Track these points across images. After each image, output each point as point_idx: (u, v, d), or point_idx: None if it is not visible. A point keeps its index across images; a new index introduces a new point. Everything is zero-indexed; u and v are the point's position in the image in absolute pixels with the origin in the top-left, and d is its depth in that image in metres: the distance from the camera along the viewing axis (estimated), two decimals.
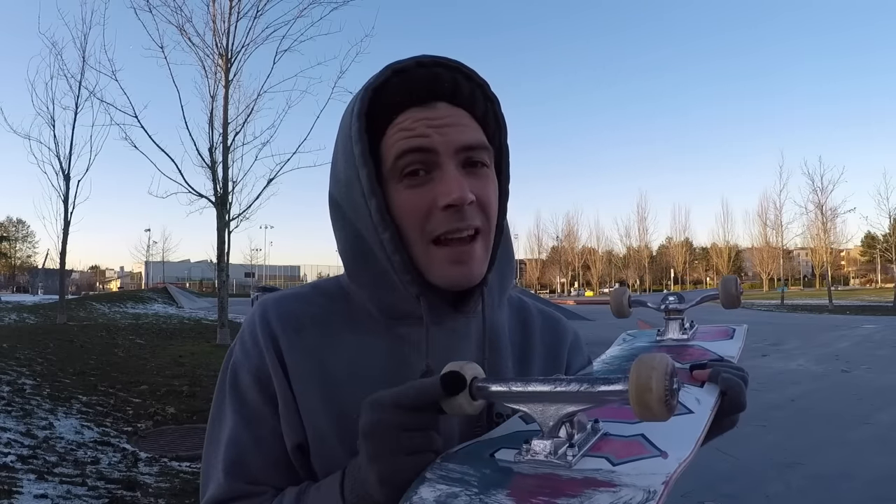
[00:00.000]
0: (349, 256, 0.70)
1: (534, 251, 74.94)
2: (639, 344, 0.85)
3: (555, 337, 0.81)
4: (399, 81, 0.65)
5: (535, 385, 0.51)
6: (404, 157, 0.63)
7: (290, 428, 0.66)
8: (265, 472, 0.66)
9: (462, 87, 0.66)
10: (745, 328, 0.85)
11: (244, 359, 0.69)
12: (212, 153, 11.67)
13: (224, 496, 0.66)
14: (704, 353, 0.76)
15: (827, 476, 4.10)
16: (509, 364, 0.74)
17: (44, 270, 55.54)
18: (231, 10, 11.71)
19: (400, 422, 0.53)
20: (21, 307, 22.28)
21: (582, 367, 0.81)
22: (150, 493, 3.52)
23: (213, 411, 0.71)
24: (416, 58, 0.65)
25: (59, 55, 14.82)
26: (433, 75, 0.65)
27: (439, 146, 0.63)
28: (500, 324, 0.76)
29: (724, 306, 0.83)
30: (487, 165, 0.67)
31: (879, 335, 14.36)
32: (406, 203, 0.64)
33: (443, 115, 0.64)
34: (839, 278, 68.30)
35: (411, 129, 0.63)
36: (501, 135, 0.71)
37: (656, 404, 0.42)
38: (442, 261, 0.64)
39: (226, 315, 11.96)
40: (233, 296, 22.25)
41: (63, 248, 16.00)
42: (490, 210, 0.66)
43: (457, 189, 0.61)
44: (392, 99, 0.65)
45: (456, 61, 0.67)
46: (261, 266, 65.94)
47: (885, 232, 32.65)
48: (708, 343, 0.80)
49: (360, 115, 0.64)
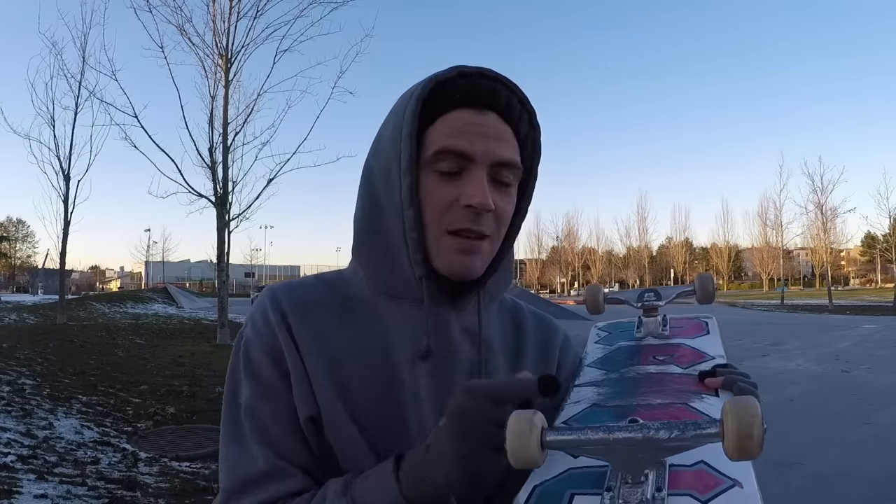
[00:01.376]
0: (364, 229, 0.73)
1: (534, 251, 74.96)
2: (621, 342, 0.85)
3: (546, 337, 0.84)
4: (463, 83, 0.69)
5: (620, 433, 0.47)
6: (444, 154, 0.67)
7: (302, 401, 0.67)
8: (285, 445, 0.67)
9: (514, 107, 0.71)
10: (714, 320, 0.87)
11: (256, 337, 0.71)
12: (212, 153, 11.69)
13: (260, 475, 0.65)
14: (695, 353, 0.77)
15: (826, 476, 4.11)
16: (502, 363, 0.77)
17: (44, 270, 55.55)
18: (231, 10, 11.74)
19: (491, 413, 0.54)
20: (21, 307, 22.28)
21: (573, 366, 0.83)
22: (150, 493, 3.53)
23: (228, 393, 0.71)
24: (481, 69, 0.70)
25: (59, 55, 14.90)
26: (493, 88, 0.70)
27: (478, 154, 0.67)
28: (493, 323, 0.79)
29: (699, 302, 0.84)
30: (511, 185, 0.72)
31: (879, 335, 14.36)
32: (434, 191, 0.68)
33: (492, 126, 0.69)
34: (839, 278, 68.25)
35: (460, 130, 0.68)
36: (535, 160, 0.76)
37: (756, 450, 0.42)
38: (451, 248, 0.68)
39: (226, 315, 11.97)
40: (233, 296, 22.27)
41: (63, 248, 16.02)
42: (503, 224, 0.72)
43: (480, 195, 0.66)
44: (453, 94, 0.69)
45: (515, 84, 0.71)
46: (261, 266, 65.99)
47: (885, 232, 32.67)
48: (690, 340, 0.81)
49: (419, 99, 0.68)
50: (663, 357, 0.77)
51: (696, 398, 0.64)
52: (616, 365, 0.78)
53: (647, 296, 0.86)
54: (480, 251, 0.69)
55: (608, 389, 0.70)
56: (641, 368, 0.74)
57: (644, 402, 0.64)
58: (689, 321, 0.87)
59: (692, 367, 0.72)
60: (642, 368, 0.74)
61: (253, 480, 0.65)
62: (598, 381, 0.75)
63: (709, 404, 0.62)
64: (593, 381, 0.76)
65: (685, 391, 0.66)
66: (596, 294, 0.88)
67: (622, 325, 0.91)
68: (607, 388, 0.71)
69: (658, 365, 0.75)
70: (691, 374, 0.70)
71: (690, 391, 0.66)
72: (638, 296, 0.86)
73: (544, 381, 0.55)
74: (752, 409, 0.42)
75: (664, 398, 0.64)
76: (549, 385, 0.54)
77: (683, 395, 0.64)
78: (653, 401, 0.64)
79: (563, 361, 0.83)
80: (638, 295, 0.86)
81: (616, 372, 0.76)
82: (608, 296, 0.90)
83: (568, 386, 0.77)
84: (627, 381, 0.72)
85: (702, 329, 0.85)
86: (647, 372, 0.73)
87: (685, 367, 0.72)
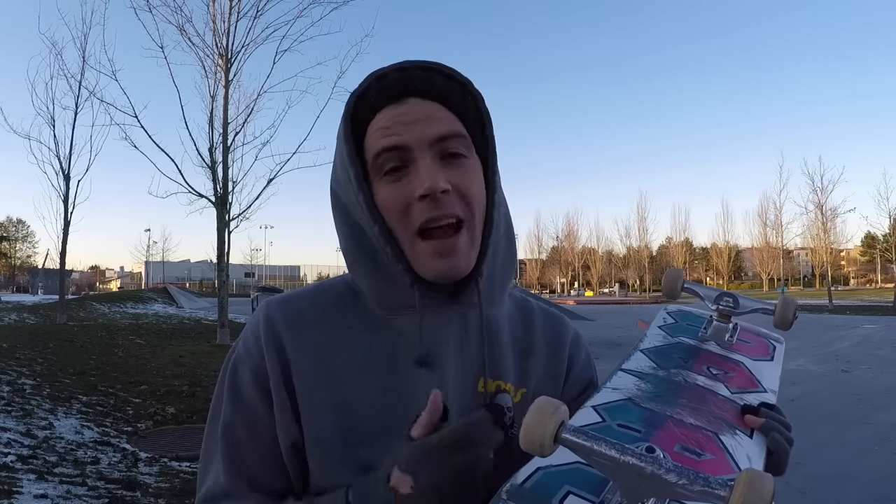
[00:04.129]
0: (350, 249, 0.72)
1: (534, 251, 74.99)
2: (683, 337, 0.83)
3: (556, 334, 0.81)
4: (378, 86, 0.69)
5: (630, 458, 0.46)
6: (381, 156, 0.67)
7: (283, 428, 0.68)
8: (260, 468, 0.68)
9: (434, 82, 0.69)
10: (783, 346, 0.83)
11: (246, 356, 0.71)
12: (212, 153, 11.67)
13: (222, 492, 0.67)
14: (750, 380, 0.74)
15: (827, 476, 4.10)
16: (510, 358, 0.75)
17: (44, 270, 55.49)
18: (231, 10, 11.71)
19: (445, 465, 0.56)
20: (21, 307, 22.27)
21: (584, 364, 0.82)
22: (150, 493, 3.52)
23: (214, 405, 0.73)
24: (396, 64, 0.69)
25: (59, 55, 14.83)
26: (407, 77, 0.69)
27: (411, 142, 0.66)
28: (501, 318, 0.77)
29: (775, 326, 0.81)
30: (466, 156, 0.69)
31: (879, 335, 14.36)
32: (387, 198, 0.67)
33: (414, 111, 0.67)
34: (839, 278, 68.20)
35: (386, 128, 0.67)
36: (485, 127, 0.72)
37: None
38: (426, 254, 0.66)
39: (226, 315, 11.96)
40: (233, 296, 22.24)
41: (63, 248, 16.00)
42: (471, 199, 0.67)
43: (428, 178, 0.64)
44: (370, 101, 0.69)
45: (436, 63, 0.70)
46: (261, 266, 65.91)
47: (885, 232, 32.65)
48: (751, 361, 0.78)
49: (344, 118, 0.69)
50: (717, 371, 0.75)
51: (730, 432, 0.62)
52: (668, 362, 0.76)
53: (724, 300, 0.82)
54: (457, 248, 0.66)
55: (650, 387, 0.69)
56: (691, 376, 0.72)
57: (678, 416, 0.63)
58: (758, 339, 0.84)
59: (739, 395, 0.70)
60: (691, 376, 0.72)
61: (217, 496, 0.68)
62: (644, 374, 0.73)
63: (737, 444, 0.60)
64: (640, 371, 0.73)
65: (722, 420, 0.64)
66: (675, 280, 0.85)
67: (691, 317, 0.87)
68: (650, 385, 0.69)
69: (709, 378, 0.73)
70: (735, 403, 0.68)
71: (727, 422, 0.64)
72: (716, 297, 0.83)
73: (493, 411, 0.57)
74: (765, 492, 0.41)
75: (699, 419, 0.63)
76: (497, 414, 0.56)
77: (718, 424, 0.63)
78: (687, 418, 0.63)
79: (574, 359, 0.81)
80: (717, 296, 0.83)
81: (665, 370, 0.74)
82: (685, 285, 0.86)
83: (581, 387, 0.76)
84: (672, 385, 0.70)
85: (767, 352, 0.81)
86: (694, 382, 0.71)
87: (733, 392, 0.71)
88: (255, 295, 23.19)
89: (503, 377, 0.72)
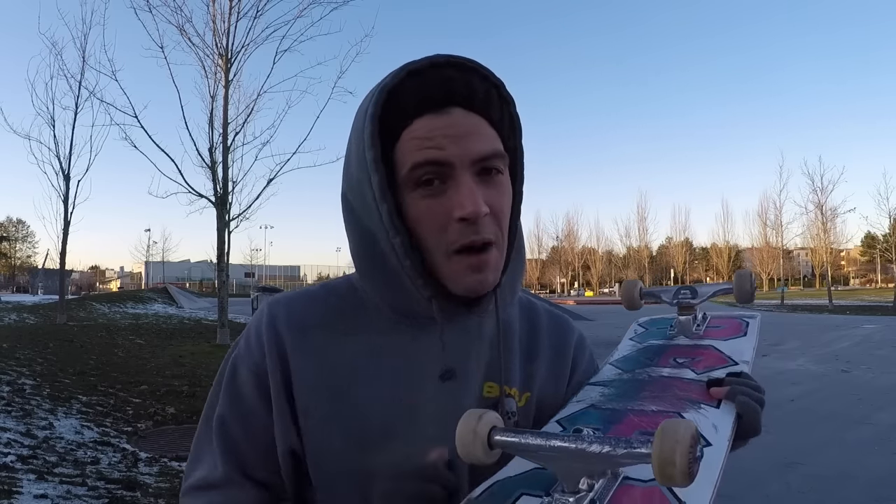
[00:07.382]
0: (361, 256, 0.69)
1: (534, 251, 74.84)
2: (652, 340, 0.83)
3: (561, 336, 0.81)
4: (414, 85, 0.63)
5: (555, 441, 0.48)
6: (420, 169, 0.62)
7: (281, 433, 0.67)
8: (256, 463, 0.68)
9: (477, 91, 0.65)
10: (758, 320, 0.83)
11: (246, 354, 0.70)
12: (212, 153, 11.68)
13: (219, 481, 0.67)
14: (719, 358, 0.74)
15: (826, 476, 4.10)
16: (517, 362, 0.74)
17: (44, 270, 55.44)
18: (231, 10, 11.73)
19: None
20: (21, 307, 22.26)
21: (587, 365, 0.81)
22: (150, 493, 3.52)
23: (210, 399, 0.72)
24: (430, 58, 0.64)
25: (59, 55, 14.94)
26: (447, 79, 0.63)
27: (454, 159, 0.62)
28: (511, 322, 0.76)
29: (738, 301, 0.81)
30: (502, 172, 0.66)
31: (879, 335, 14.35)
32: (423, 213, 0.63)
33: (459, 124, 0.63)
34: (839, 278, 68.22)
35: (427, 139, 0.62)
36: (516, 136, 0.70)
37: (679, 477, 0.41)
38: (460, 270, 0.64)
39: (226, 315, 11.96)
40: (233, 296, 22.24)
41: (63, 248, 16.01)
42: (503, 219, 0.66)
43: (470, 204, 0.61)
44: (407, 104, 0.63)
45: (472, 61, 0.65)
46: (261, 266, 65.85)
47: (885, 232, 32.59)
48: (721, 342, 0.78)
49: (373, 118, 0.63)
50: (684, 359, 0.75)
51: (693, 407, 0.62)
52: (633, 365, 0.76)
53: (682, 293, 0.83)
54: (489, 264, 0.64)
55: (612, 391, 0.69)
56: (655, 370, 0.73)
57: (638, 408, 0.63)
58: (730, 321, 0.84)
59: (706, 373, 0.70)
60: (656, 370, 0.72)
61: (212, 485, 0.67)
62: (608, 382, 0.73)
63: (702, 416, 0.60)
64: (604, 380, 0.74)
65: (685, 399, 0.64)
66: (632, 290, 0.85)
67: (661, 322, 0.87)
68: (613, 389, 0.70)
69: (674, 368, 0.73)
70: (701, 381, 0.68)
71: (691, 399, 0.64)
72: (674, 293, 0.83)
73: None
74: (679, 434, 0.41)
75: (660, 405, 0.63)
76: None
77: (681, 404, 0.63)
78: (648, 407, 0.63)
79: (578, 361, 0.80)
80: (674, 292, 0.83)
81: (629, 372, 0.74)
82: (644, 292, 0.86)
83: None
84: (634, 383, 0.71)
85: (740, 330, 0.81)
86: (658, 375, 0.71)
87: (699, 373, 0.70)
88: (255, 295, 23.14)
89: (509, 382, 0.72)
